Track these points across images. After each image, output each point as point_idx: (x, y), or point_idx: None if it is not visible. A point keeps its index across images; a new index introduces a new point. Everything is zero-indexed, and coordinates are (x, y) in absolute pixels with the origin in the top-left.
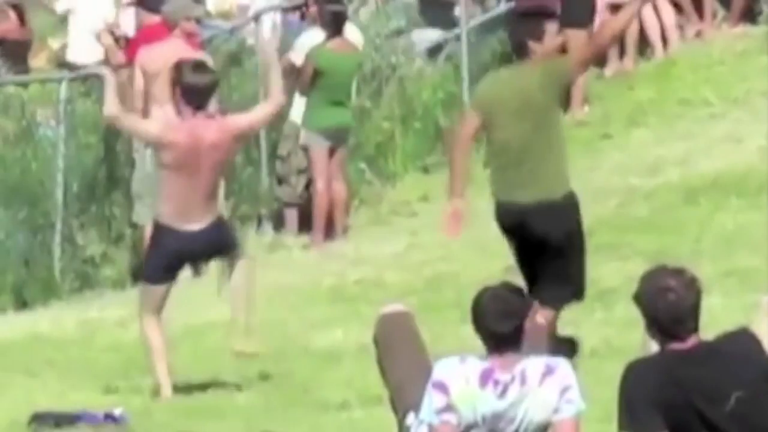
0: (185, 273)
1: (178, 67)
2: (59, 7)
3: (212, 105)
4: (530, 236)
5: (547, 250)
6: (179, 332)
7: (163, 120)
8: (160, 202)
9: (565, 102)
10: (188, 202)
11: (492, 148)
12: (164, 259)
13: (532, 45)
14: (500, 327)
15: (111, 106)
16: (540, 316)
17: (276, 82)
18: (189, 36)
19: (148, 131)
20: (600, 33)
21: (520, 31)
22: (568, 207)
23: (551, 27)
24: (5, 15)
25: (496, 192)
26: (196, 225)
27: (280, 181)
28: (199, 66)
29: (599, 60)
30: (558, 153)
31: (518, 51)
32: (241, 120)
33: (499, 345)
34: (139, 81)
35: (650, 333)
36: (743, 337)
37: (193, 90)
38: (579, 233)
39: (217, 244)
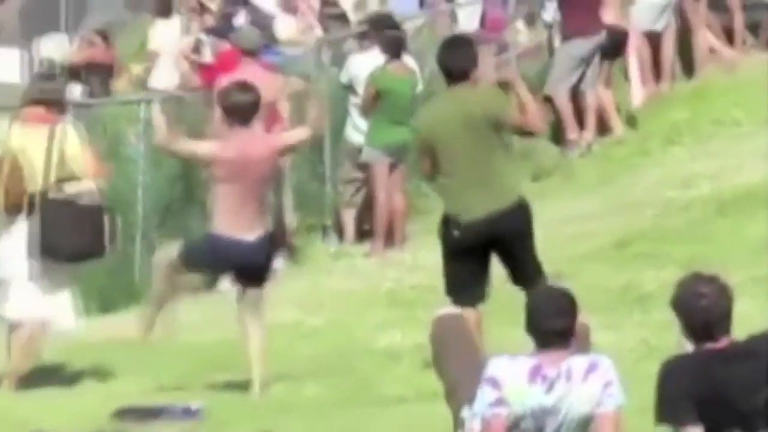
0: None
1: (225, 90)
2: (151, 44)
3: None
4: (499, 240)
5: (509, 243)
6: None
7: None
8: (215, 216)
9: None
10: (240, 214)
11: (443, 171)
12: (213, 261)
13: (472, 70)
14: (552, 324)
15: (161, 135)
16: (582, 316)
17: (314, 112)
18: (259, 62)
19: (202, 150)
20: (515, 118)
21: (459, 57)
22: (523, 207)
23: (486, 54)
24: (93, 41)
25: (455, 213)
26: (248, 235)
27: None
28: (243, 86)
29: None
30: (504, 165)
31: (459, 76)
32: (284, 138)
33: (549, 341)
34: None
35: (685, 335)
36: None
37: (237, 108)
38: (531, 227)
39: (264, 261)
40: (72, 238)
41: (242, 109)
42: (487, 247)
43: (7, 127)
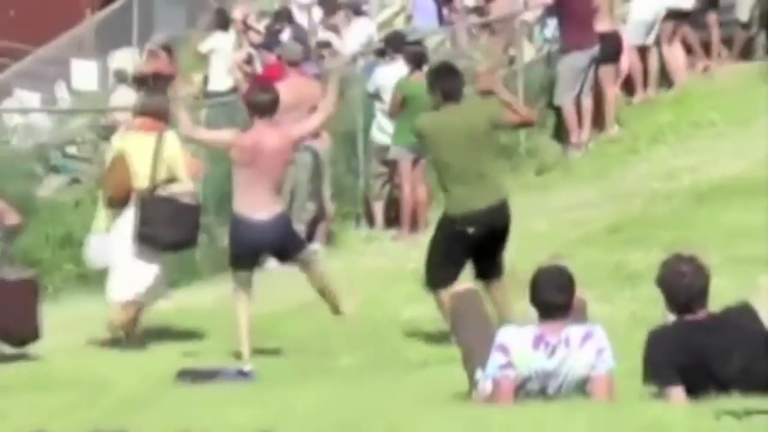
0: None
1: (249, 89)
2: (204, 48)
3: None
4: (489, 232)
5: (497, 239)
6: (295, 307)
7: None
8: (235, 196)
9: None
10: (256, 195)
11: (441, 167)
12: (241, 248)
13: (463, 91)
14: (553, 298)
15: (186, 127)
16: (580, 291)
17: (329, 99)
18: (302, 72)
19: (223, 138)
20: (510, 116)
21: (456, 82)
22: (506, 206)
23: None
24: (157, 54)
25: (458, 209)
26: (264, 214)
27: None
28: (264, 87)
29: (629, 89)
30: (494, 167)
31: (453, 95)
32: (298, 129)
33: (550, 313)
34: None
35: (668, 308)
36: (744, 310)
37: (257, 104)
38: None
39: (283, 237)
40: (171, 231)
41: (261, 105)
42: (480, 241)
43: (118, 136)
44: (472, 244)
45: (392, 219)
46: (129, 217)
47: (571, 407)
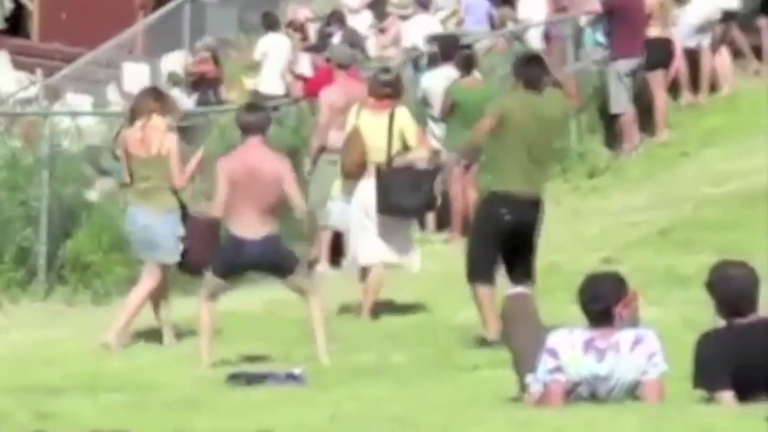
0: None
1: (238, 110)
2: (257, 54)
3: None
4: (518, 221)
5: (524, 235)
6: (345, 308)
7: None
8: (229, 216)
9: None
10: (246, 216)
11: (504, 146)
12: (225, 258)
13: (545, 80)
14: (591, 307)
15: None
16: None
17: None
18: (351, 75)
19: (221, 180)
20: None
21: (537, 71)
22: (541, 203)
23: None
24: (205, 59)
25: (504, 187)
26: (251, 234)
27: None
28: (251, 106)
29: (675, 92)
30: (549, 165)
31: (534, 84)
32: (288, 177)
33: (594, 320)
34: (324, 113)
35: (718, 312)
36: None
37: (247, 126)
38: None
39: (270, 256)
40: (411, 197)
41: (250, 126)
42: (511, 231)
43: (353, 114)
44: (505, 231)
45: (444, 222)
46: (364, 187)
47: (621, 409)
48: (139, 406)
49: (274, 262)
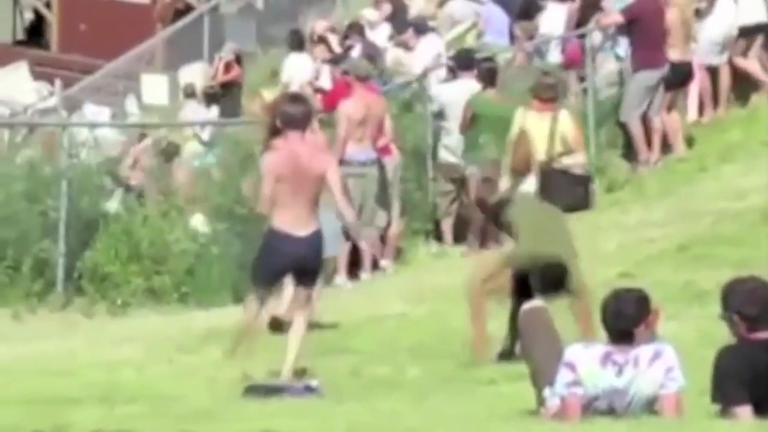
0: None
1: (278, 101)
2: (284, 76)
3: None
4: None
5: None
6: (362, 321)
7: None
8: (273, 213)
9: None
10: (293, 212)
11: None
12: (276, 261)
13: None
14: (614, 324)
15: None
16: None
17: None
18: (369, 88)
19: (269, 177)
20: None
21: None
22: None
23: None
24: (233, 65)
25: None
26: (302, 231)
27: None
28: (295, 98)
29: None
30: None
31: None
32: (332, 167)
33: (614, 337)
34: (343, 124)
35: (735, 326)
36: None
37: (291, 118)
38: None
39: (315, 253)
40: (565, 198)
41: (293, 118)
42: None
43: (520, 114)
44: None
45: (461, 235)
46: (529, 184)
47: (638, 424)
48: (156, 417)
49: (313, 267)
